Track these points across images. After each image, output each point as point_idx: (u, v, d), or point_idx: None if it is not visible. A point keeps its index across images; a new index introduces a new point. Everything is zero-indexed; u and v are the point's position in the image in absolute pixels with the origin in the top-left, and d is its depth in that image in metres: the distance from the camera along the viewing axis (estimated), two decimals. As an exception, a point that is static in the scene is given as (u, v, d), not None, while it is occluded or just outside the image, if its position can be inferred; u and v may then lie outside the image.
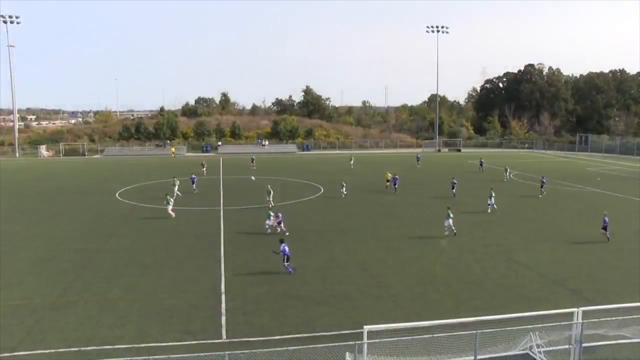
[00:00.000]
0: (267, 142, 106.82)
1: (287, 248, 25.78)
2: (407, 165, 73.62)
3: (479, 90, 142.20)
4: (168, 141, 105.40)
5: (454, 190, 47.18)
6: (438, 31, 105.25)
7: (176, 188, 46.47)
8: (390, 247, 30.68)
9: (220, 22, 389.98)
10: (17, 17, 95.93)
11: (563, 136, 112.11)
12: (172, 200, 39.20)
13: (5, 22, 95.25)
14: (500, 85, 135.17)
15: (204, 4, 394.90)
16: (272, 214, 34.04)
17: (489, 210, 39.96)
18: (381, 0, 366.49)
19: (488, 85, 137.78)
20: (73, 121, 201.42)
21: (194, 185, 50.59)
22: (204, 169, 65.03)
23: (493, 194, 40.40)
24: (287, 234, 32.12)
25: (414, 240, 32.25)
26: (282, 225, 33.16)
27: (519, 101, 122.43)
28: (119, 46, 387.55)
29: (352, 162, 73.48)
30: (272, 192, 43.12)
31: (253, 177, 33.03)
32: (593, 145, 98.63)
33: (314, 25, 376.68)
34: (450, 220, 32.52)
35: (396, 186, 49.86)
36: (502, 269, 26.57)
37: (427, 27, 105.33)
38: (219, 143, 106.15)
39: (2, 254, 29.47)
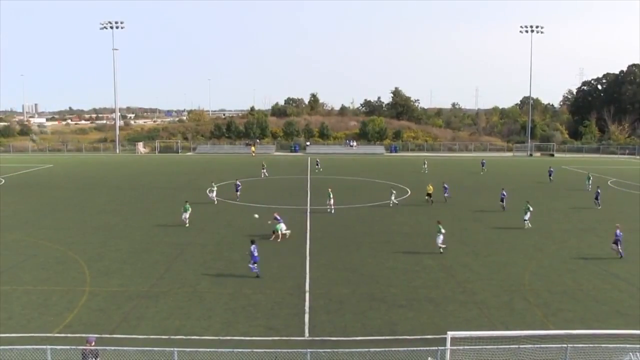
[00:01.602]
0: (355, 143, 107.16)
1: (255, 251, 25.14)
2: (474, 170, 71.47)
3: (575, 93, 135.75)
4: (258, 140, 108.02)
5: (504, 203, 42.57)
6: (532, 31, 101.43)
7: (214, 194, 45.30)
8: (476, 252, 29.90)
9: (310, 23, 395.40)
10: (121, 23, 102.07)
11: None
12: (189, 208, 36.55)
13: (111, 27, 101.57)
14: (599, 87, 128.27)
15: (292, 5, 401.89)
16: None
17: (526, 227, 35.74)
18: (473, 0, 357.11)
19: (585, 87, 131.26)
20: (168, 119, 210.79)
21: (238, 193, 46.73)
22: (264, 170, 64.47)
23: (530, 209, 36.21)
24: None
25: (501, 247, 31.23)
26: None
27: (619, 104, 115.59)
28: (212, 48, 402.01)
29: (425, 166, 70.58)
30: (332, 195, 41.33)
31: (256, 215, 31.91)
32: None
33: (402, 26, 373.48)
34: (442, 237, 29.38)
35: (446, 195, 46.54)
36: (597, 281, 25.15)
37: (521, 27, 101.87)
38: (308, 143, 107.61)
39: (103, 244, 31.45)
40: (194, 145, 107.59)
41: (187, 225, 35.75)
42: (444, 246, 29.56)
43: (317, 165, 72.38)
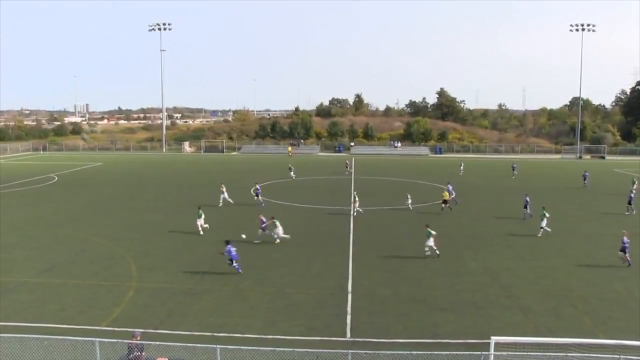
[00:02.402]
0: (399, 144, 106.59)
1: (233, 250, 25.41)
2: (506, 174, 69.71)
3: (628, 93, 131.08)
4: (302, 140, 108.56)
5: (528, 210, 39.55)
6: (583, 29, 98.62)
7: (225, 195, 44.03)
8: (521, 256, 29.26)
9: (355, 24, 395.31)
10: (169, 24, 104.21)
11: None
12: (203, 215, 34.64)
13: (159, 29, 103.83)
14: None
15: (337, 5, 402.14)
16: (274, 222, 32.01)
17: (540, 234, 33.74)
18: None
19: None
20: (213, 119, 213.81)
21: (259, 198, 44.55)
22: (292, 172, 63.27)
23: (547, 215, 34.17)
24: (278, 241, 31.42)
25: (547, 251, 30.44)
26: (264, 230, 31.85)
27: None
28: (257, 48, 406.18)
29: (462, 168, 69.05)
30: (357, 199, 40.43)
31: (244, 235, 30.24)
32: None
33: (447, 26, 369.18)
34: (432, 240, 28.45)
35: (453, 197, 44.51)
36: (650, 289, 24.24)
37: (571, 25, 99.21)
38: (352, 143, 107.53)
39: (148, 240, 32.17)
40: (238, 145, 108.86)
41: (201, 233, 33.88)
42: (433, 249, 28.60)
43: (347, 167, 69.38)
